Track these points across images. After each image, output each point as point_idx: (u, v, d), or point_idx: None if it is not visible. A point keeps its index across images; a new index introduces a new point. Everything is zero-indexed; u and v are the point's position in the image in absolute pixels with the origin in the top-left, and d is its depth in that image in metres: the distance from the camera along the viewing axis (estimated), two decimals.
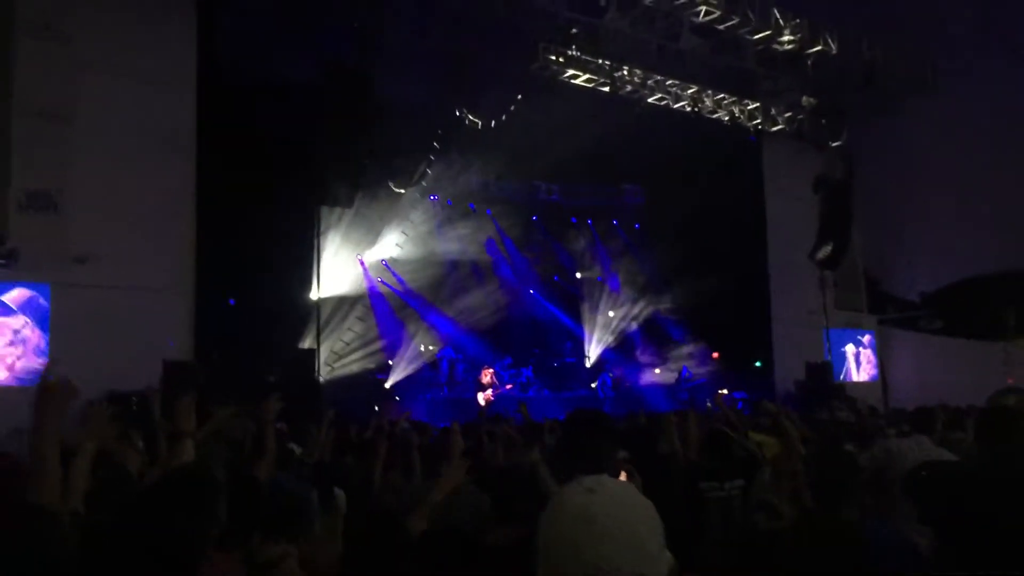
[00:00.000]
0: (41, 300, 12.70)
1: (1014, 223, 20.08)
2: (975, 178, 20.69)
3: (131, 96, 13.43)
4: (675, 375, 21.38)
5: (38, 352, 12.57)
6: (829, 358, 21.29)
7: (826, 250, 20.22)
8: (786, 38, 18.23)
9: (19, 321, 12.55)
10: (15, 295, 12.57)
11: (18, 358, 12.47)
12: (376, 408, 15.86)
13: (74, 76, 13.03)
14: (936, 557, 2.65)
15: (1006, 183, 19.95)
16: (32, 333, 12.57)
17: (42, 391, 3.12)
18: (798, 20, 18.33)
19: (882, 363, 23.76)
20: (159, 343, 12.93)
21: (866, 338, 23.59)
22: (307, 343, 16.07)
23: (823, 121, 21.26)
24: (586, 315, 22.74)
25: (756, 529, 4.05)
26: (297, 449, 6.52)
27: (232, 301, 15.55)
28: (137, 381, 11.64)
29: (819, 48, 18.73)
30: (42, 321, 12.67)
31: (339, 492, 3.75)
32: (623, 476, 3.41)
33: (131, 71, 13.47)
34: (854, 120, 21.74)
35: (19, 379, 12.35)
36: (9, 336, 12.46)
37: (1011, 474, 2.94)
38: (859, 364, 23.19)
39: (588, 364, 22.19)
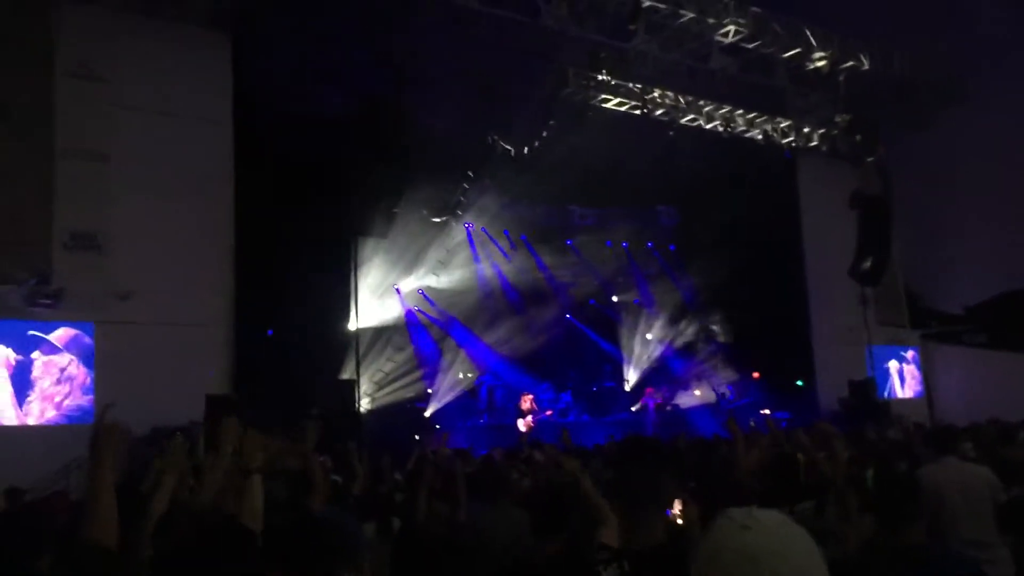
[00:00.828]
0: (86, 338, 12.90)
1: None
2: (1014, 187, 20.36)
3: (169, 133, 13.67)
4: (716, 396, 21.17)
5: (84, 390, 12.75)
6: (872, 375, 20.97)
7: (866, 266, 19.97)
8: (817, 55, 18.16)
9: (65, 359, 12.75)
10: (60, 334, 12.78)
11: (66, 396, 12.65)
12: (417, 437, 15.85)
13: (113, 116, 13.29)
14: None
15: None
16: (78, 371, 12.76)
17: (99, 432, 3.14)
18: (828, 37, 18.28)
19: (927, 379, 23.37)
20: (201, 377, 13.03)
21: (909, 354, 23.23)
22: (347, 374, 16.12)
23: (857, 137, 21.09)
24: (624, 338, 22.61)
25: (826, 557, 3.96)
26: (339, 480, 6.54)
27: (271, 332, 15.67)
28: (180, 416, 11.76)
29: (850, 64, 18.65)
30: (87, 358, 12.86)
31: (396, 522, 3.74)
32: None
33: (168, 109, 13.73)
34: (888, 134, 21.54)
35: (67, 417, 12.53)
36: (56, 374, 12.65)
37: None
38: (903, 380, 22.83)
39: (627, 387, 22.04)
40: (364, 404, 16.46)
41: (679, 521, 3.58)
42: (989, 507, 5.12)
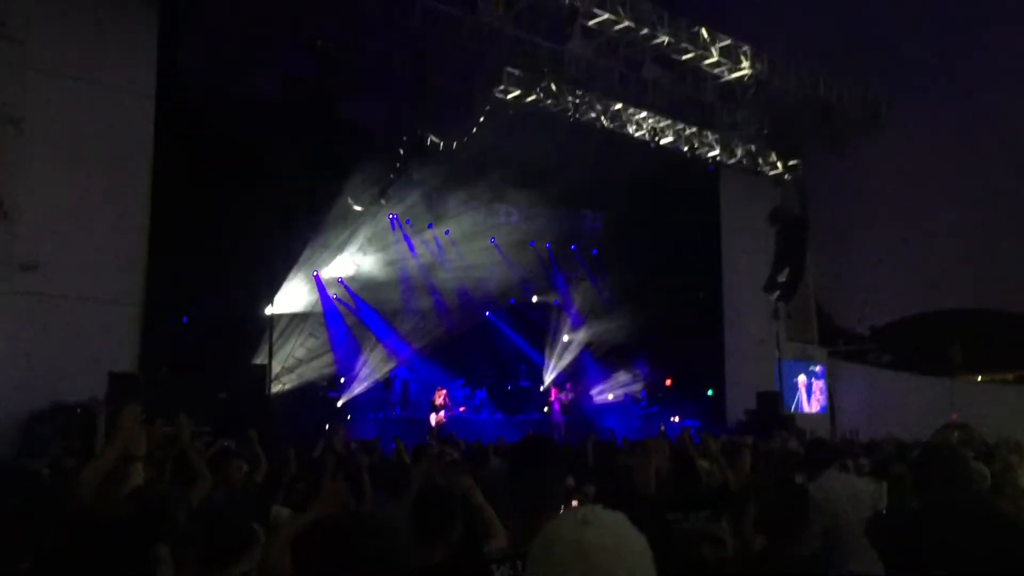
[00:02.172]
0: None
1: (962, 261, 20.55)
2: (923, 215, 21.18)
3: (87, 103, 13.17)
4: (628, 401, 21.46)
5: None
6: (780, 388, 21.52)
7: (780, 281, 20.49)
8: (742, 67, 18.51)
9: None
10: None
11: None
12: (327, 427, 15.68)
13: (27, 79, 12.76)
14: None
15: (953, 222, 20.43)
16: None
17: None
18: (758, 56, 18.68)
19: (831, 395, 24.09)
20: (105, 355, 12.63)
21: (818, 369, 23.91)
22: (259, 359, 15.86)
23: (779, 155, 21.65)
24: (541, 339, 22.74)
25: (702, 560, 4.05)
26: (245, 467, 6.43)
27: (185, 319, 15.32)
28: (83, 393, 11.43)
29: (776, 84, 19.10)
30: None
31: (280, 512, 3.69)
32: (575, 504, 3.39)
33: (88, 77, 13.22)
34: (809, 156, 22.16)
35: None
36: None
37: (954, 516, 2.98)
38: (810, 395, 23.49)
39: (542, 388, 22.18)
40: (275, 390, 16.22)
41: None
42: None
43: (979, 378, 22.64)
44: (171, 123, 13.97)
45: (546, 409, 21.01)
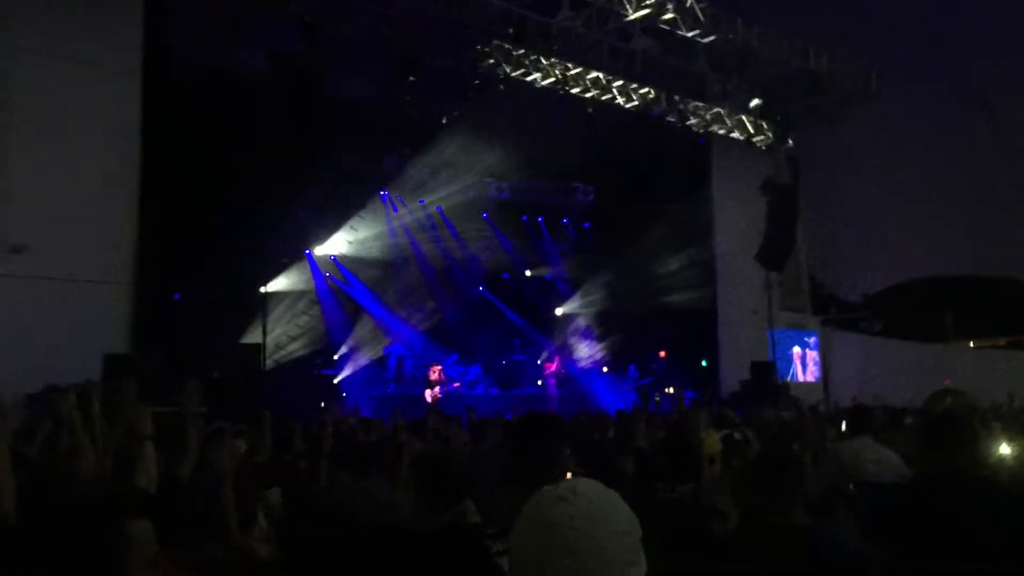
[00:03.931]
0: None
1: (952, 228, 20.61)
2: (914, 184, 21.21)
3: (73, 82, 13.02)
4: (623, 374, 21.51)
5: None
6: (773, 358, 21.60)
7: (772, 252, 20.52)
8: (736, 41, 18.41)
9: None
10: None
11: None
12: (323, 404, 15.70)
13: (11, 59, 12.61)
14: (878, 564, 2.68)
15: (943, 190, 20.45)
16: None
17: None
18: (748, 26, 18.55)
19: (824, 363, 24.20)
20: (98, 336, 12.58)
21: (812, 339, 23.99)
22: (253, 338, 15.84)
23: (771, 126, 21.61)
24: (535, 313, 22.76)
25: (708, 534, 4.06)
26: (243, 446, 6.43)
27: (176, 296, 15.28)
28: (77, 375, 11.38)
29: (767, 53, 18.99)
30: None
31: (274, 490, 3.70)
32: (569, 475, 3.39)
33: (73, 56, 13.05)
34: (801, 126, 22.12)
35: None
36: None
37: (955, 484, 2.99)
38: (805, 364, 23.59)
39: (537, 362, 22.22)
40: (269, 368, 16.22)
41: None
42: None
43: (971, 344, 22.76)
44: (159, 100, 13.83)
45: (540, 383, 21.06)
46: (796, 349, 23.38)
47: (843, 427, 7.17)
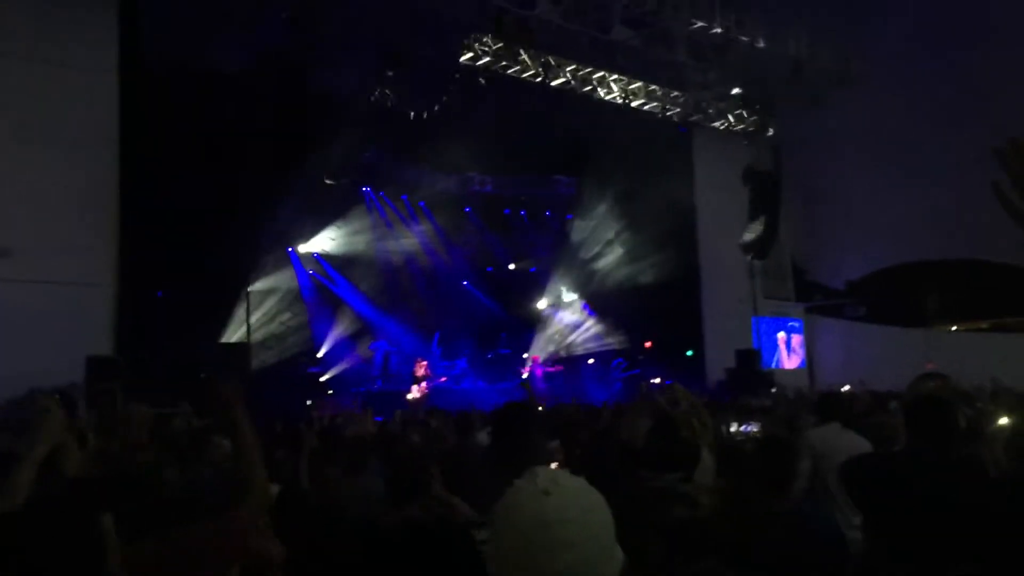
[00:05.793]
0: None
1: (935, 212, 20.68)
2: (896, 168, 21.27)
3: (49, 82, 12.95)
4: (607, 364, 21.54)
5: None
6: (758, 345, 21.67)
7: (755, 239, 20.59)
8: (716, 30, 18.41)
9: None
10: None
11: None
12: (308, 403, 15.66)
13: None
14: (866, 547, 2.69)
15: (926, 174, 20.52)
16: None
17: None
18: (726, 13, 18.55)
19: (809, 350, 24.30)
20: (81, 338, 12.51)
21: (796, 325, 24.09)
22: (238, 337, 15.77)
23: (751, 113, 21.66)
24: (519, 306, 22.76)
25: (675, 519, 4.06)
26: (227, 444, 6.39)
27: (159, 293, 15.20)
28: (60, 378, 11.30)
29: (747, 41, 19.00)
30: None
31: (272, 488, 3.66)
32: (555, 466, 3.39)
33: (48, 57, 12.98)
34: (782, 112, 22.16)
35: None
36: None
37: (943, 463, 3.00)
38: (790, 351, 23.69)
39: (524, 355, 22.23)
40: (254, 367, 16.15)
41: None
42: None
43: (954, 327, 22.88)
44: (138, 98, 13.74)
45: (526, 374, 21.06)
46: (781, 334, 23.46)
47: None
